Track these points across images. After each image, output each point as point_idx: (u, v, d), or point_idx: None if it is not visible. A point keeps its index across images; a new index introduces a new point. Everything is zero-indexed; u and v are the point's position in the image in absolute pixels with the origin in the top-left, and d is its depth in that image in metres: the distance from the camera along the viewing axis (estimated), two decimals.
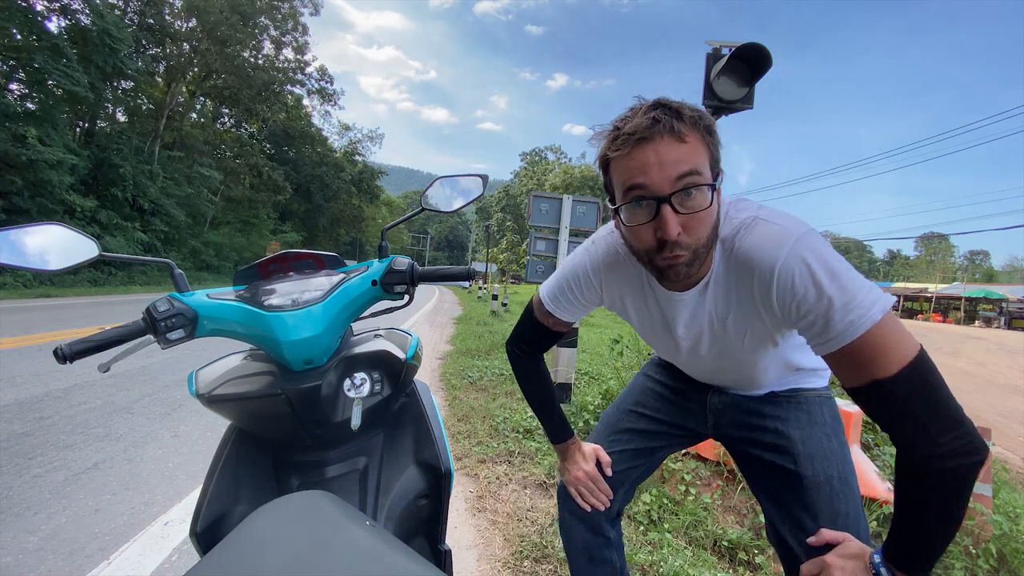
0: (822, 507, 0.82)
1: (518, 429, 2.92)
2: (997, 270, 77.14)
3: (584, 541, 1.03)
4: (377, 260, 0.79)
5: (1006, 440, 4.17)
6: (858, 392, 0.64)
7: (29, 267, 0.69)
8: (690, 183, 0.63)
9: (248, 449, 0.75)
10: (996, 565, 1.71)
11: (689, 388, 1.04)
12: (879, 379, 0.60)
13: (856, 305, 0.60)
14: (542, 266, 5.27)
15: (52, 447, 2.35)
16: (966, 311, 36.95)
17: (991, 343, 14.08)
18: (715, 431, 1.02)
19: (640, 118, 0.63)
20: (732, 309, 0.76)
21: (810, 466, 0.86)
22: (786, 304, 0.66)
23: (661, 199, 0.63)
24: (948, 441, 0.58)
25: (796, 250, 0.64)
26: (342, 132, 42.96)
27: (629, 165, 0.65)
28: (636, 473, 1.07)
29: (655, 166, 0.62)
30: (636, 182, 0.64)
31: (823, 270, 0.63)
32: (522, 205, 47.28)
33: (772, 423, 0.92)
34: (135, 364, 4.03)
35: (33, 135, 13.19)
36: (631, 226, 0.68)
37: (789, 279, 0.64)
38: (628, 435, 1.07)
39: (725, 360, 0.87)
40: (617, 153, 0.66)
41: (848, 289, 0.61)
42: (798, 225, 0.67)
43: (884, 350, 0.60)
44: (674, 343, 0.88)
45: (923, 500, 0.62)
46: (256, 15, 25.82)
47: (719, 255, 0.74)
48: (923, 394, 0.60)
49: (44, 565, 1.51)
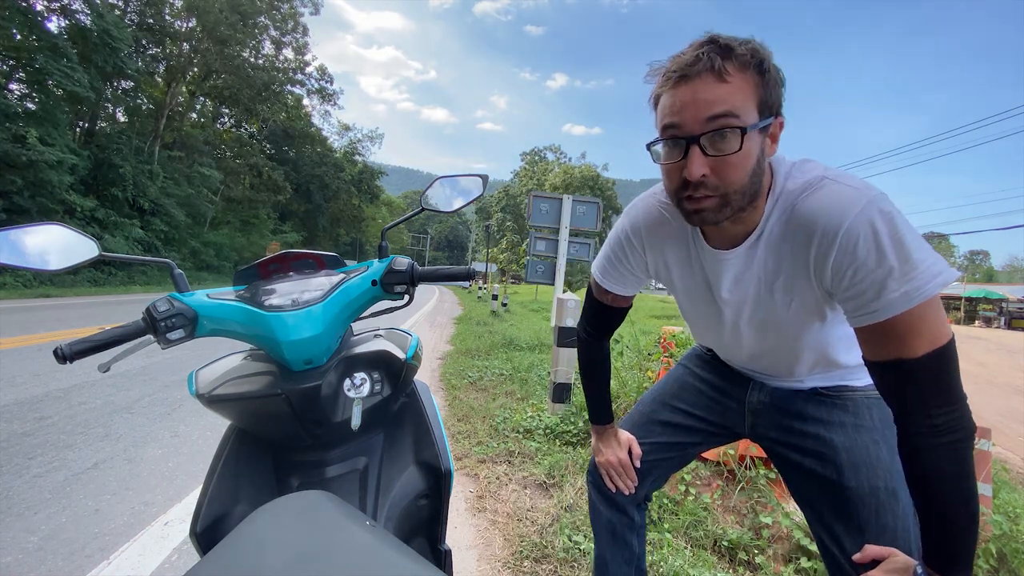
0: (867, 520, 0.78)
1: (518, 429, 2.92)
2: (997, 270, 77.17)
3: (609, 519, 1.04)
4: (377, 260, 0.79)
5: (1006, 440, 4.17)
6: (876, 365, 0.65)
7: (29, 267, 0.69)
8: (723, 124, 0.61)
9: (248, 449, 0.75)
10: (996, 565, 1.71)
11: (729, 385, 1.01)
12: (904, 358, 0.61)
13: (915, 276, 0.59)
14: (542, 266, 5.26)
15: (52, 447, 2.35)
16: (966, 311, 36.94)
17: (991, 343, 14.07)
18: (752, 432, 0.98)
19: (688, 55, 0.62)
20: (783, 273, 0.73)
21: (854, 476, 0.81)
22: (842, 269, 0.64)
23: (690, 139, 0.62)
24: (941, 418, 0.61)
25: (866, 212, 0.61)
26: (342, 132, 42.96)
27: (667, 103, 0.65)
28: (667, 464, 1.07)
29: (690, 105, 0.62)
30: (669, 121, 0.64)
31: (890, 236, 0.60)
32: (522, 205, 47.30)
33: (814, 427, 0.87)
34: (135, 364, 4.03)
35: (34, 135, 13.19)
36: (663, 164, 0.68)
37: (852, 242, 0.62)
38: (662, 427, 1.06)
39: (767, 335, 0.83)
40: (662, 90, 0.66)
41: (910, 259, 0.59)
42: (869, 187, 0.64)
43: (920, 330, 0.60)
44: (717, 311, 0.85)
45: (930, 485, 0.63)
46: (256, 15, 25.82)
47: (777, 213, 0.70)
48: (937, 379, 0.61)
49: (44, 565, 1.51)
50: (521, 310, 14.31)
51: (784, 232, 0.70)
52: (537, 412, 3.19)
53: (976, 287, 40.52)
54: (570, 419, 2.92)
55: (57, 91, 14.32)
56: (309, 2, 28.99)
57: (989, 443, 1.99)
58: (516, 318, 11.13)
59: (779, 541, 1.82)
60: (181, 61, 23.07)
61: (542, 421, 2.97)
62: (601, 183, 42.59)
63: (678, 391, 1.09)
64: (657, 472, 1.06)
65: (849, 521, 0.81)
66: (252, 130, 31.30)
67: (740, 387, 0.99)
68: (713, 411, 1.03)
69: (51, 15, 14.78)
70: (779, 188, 0.70)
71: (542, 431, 2.87)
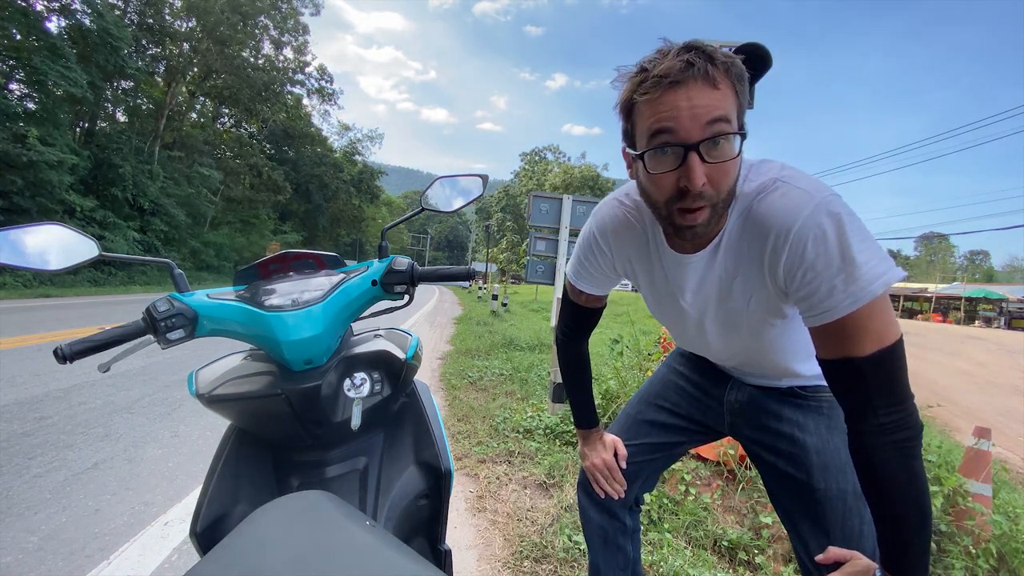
0: (834, 522, 0.80)
1: (518, 429, 2.92)
2: (997, 270, 77.13)
3: (600, 524, 1.04)
4: (377, 260, 0.79)
5: (1006, 440, 4.17)
6: (828, 364, 0.66)
7: (29, 267, 0.69)
8: (719, 131, 0.59)
9: (248, 449, 0.75)
10: (996, 565, 1.71)
11: (709, 383, 1.03)
12: (851, 357, 0.62)
13: (860, 277, 0.60)
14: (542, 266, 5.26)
15: (52, 447, 2.35)
16: (966, 311, 36.92)
17: (991, 343, 14.07)
18: (732, 430, 1.00)
19: (672, 60, 0.59)
20: (740, 272, 0.74)
21: (824, 479, 0.83)
22: (793, 270, 0.65)
23: (688, 146, 0.60)
24: (887, 417, 0.62)
25: (814, 215, 0.62)
26: (342, 132, 42.95)
27: (658, 109, 0.61)
28: (654, 466, 1.07)
29: (686, 111, 0.59)
30: (664, 127, 0.60)
31: (837, 238, 0.61)
32: (522, 205, 47.30)
33: (789, 428, 0.89)
34: (135, 364, 4.03)
35: (35, 135, 13.19)
36: (654, 174, 0.64)
37: (802, 244, 0.63)
38: (648, 427, 1.07)
39: (731, 335, 0.84)
40: (645, 97, 0.61)
41: (857, 261, 0.60)
42: (820, 189, 0.65)
43: (868, 328, 0.61)
44: (681, 311, 0.85)
45: (880, 484, 0.64)
46: (256, 15, 25.82)
47: (735, 215, 0.71)
48: (885, 378, 0.62)
49: (44, 565, 1.51)
50: (521, 310, 14.30)
51: (742, 233, 0.71)
52: (537, 412, 3.19)
53: (976, 287, 40.51)
54: (570, 419, 2.92)
55: (56, 91, 14.31)
56: (309, 2, 29.01)
57: (989, 443, 1.99)
58: (516, 318, 11.13)
59: (779, 541, 1.82)
60: (181, 61, 23.07)
61: (542, 421, 2.97)
62: (601, 183, 42.61)
63: (662, 390, 1.10)
64: (646, 474, 1.06)
65: (816, 522, 0.82)
66: (252, 130, 31.29)
67: (719, 386, 1.01)
68: (696, 409, 1.04)
69: (51, 15, 14.79)
70: (738, 191, 0.70)
71: (542, 431, 2.87)
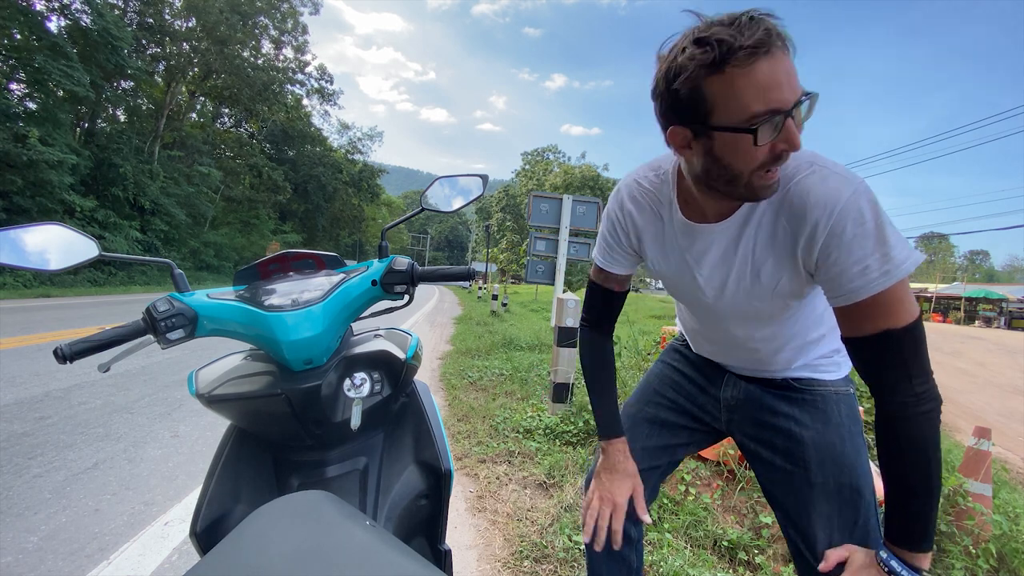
0: (831, 516, 0.81)
1: (518, 429, 2.92)
2: (997, 270, 77.16)
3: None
4: (377, 260, 0.79)
5: (1006, 440, 4.17)
6: (864, 340, 0.68)
7: (29, 267, 0.69)
8: (802, 92, 0.62)
9: (248, 449, 0.75)
10: (996, 565, 1.71)
11: (704, 380, 1.03)
12: (891, 328, 0.65)
13: (894, 256, 0.64)
14: (542, 266, 5.25)
15: (52, 447, 2.35)
16: (966, 311, 36.90)
17: (991, 343, 14.07)
18: (729, 427, 1.00)
19: (755, 30, 0.59)
20: (772, 254, 0.75)
21: (820, 472, 0.84)
22: (829, 249, 0.67)
23: (788, 112, 0.62)
24: (921, 387, 0.66)
25: (855, 199, 0.65)
26: (341, 131, 42.91)
27: (758, 81, 0.60)
28: (657, 474, 1.06)
29: (784, 79, 0.60)
30: (773, 96, 0.60)
31: (874, 221, 0.65)
32: (522, 205, 47.28)
33: (785, 423, 0.90)
34: (135, 364, 4.04)
35: (35, 135, 13.19)
36: (761, 145, 0.62)
37: (841, 226, 0.66)
38: (650, 426, 1.06)
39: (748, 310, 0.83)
40: (735, 69, 0.60)
41: (890, 242, 0.64)
42: (854, 176, 0.68)
43: (901, 303, 0.65)
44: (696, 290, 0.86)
45: (905, 455, 0.67)
46: (256, 15, 25.81)
47: None
48: (916, 348, 0.66)
49: (44, 565, 1.51)
50: (521, 310, 14.30)
51: (777, 212, 0.73)
52: (537, 412, 3.19)
53: (976, 287, 40.47)
54: (570, 419, 2.93)
55: (57, 91, 14.32)
56: (309, 2, 29.00)
57: (989, 443, 1.99)
58: (516, 318, 11.12)
59: (779, 541, 1.82)
60: (181, 61, 23.06)
61: (542, 421, 2.97)
62: (601, 183, 42.57)
63: (659, 385, 1.10)
64: (651, 483, 1.04)
65: (814, 516, 0.83)
66: (252, 130, 31.30)
67: (715, 383, 1.01)
68: (695, 405, 1.04)
69: (51, 15, 14.80)
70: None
71: (542, 431, 2.87)
